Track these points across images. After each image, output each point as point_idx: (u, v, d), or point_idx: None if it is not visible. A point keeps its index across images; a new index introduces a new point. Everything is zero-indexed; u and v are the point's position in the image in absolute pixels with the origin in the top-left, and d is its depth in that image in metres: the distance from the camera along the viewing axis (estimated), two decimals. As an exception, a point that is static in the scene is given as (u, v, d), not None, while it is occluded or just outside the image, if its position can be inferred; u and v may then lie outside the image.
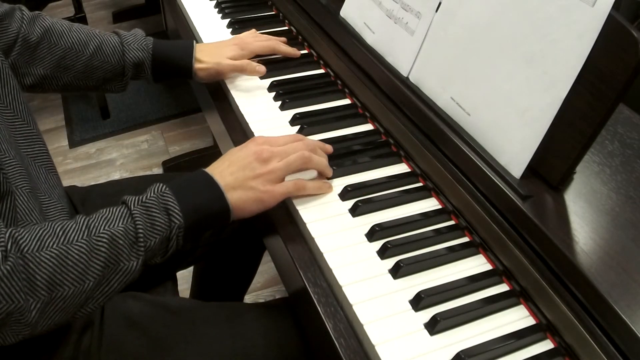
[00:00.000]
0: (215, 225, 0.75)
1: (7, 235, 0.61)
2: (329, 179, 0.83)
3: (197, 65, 1.01)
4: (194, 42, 1.03)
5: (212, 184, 0.74)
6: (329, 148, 0.85)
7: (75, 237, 0.64)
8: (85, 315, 0.68)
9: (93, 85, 1.00)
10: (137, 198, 0.70)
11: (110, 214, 0.68)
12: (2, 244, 0.60)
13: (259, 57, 1.09)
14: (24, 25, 0.92)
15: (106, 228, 0.66)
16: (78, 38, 0.97)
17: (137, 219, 0.67)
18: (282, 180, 0.78)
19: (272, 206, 0.77)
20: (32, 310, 0.61)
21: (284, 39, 1.10)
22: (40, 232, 0.64)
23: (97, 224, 0.66)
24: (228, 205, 0.74)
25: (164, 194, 0.70)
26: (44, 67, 0.94)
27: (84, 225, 0.66)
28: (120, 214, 0.68)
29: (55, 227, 0.65)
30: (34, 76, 0.94)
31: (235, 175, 0.75)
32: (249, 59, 1.04)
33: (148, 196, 0.70)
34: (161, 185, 0.72)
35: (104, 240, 0.65)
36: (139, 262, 0.68)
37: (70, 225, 0.66)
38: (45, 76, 0.95)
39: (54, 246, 0.63)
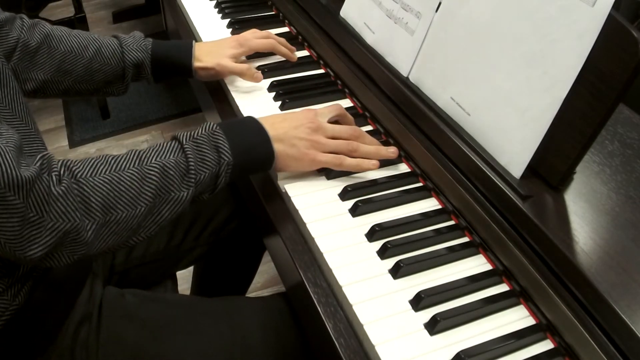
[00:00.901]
0: (258, 170, 0.81)
1: (60, 163, 0.66)
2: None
3: (196, 64, 1.01)
4: (194, 41, 1.03)
5: (261, 130, 0.79)
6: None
7: (128, 165, 0.69)
8: (136, 243, 0.72)
9: (94, 88, 1.01)
10: (188, 133, 0.74)
11: (161, 147, 0.72)
12: (55, 169, 0.64)
13: (260, 57, 1.10)
14: (23, 32, 0.93)
15: (158, 159, 0.71)
16: (77, 42, 0.98)
17: (188, 152, 0.72)
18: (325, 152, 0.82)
19: (307, 169, 0.83)
20: (88, 230, 0.65)
21: (283, 39, 1.10)
22: (93, 160, 0.69)
23: (148, 155, 0.71)
24: (273, 152, 0.79)
25: (215, 132, 0.75)
26: (44, 72, 0.95)
27: (135, 156, 0.71)
28: (171, 147, 0.73)
29: (107, 156, 0.70)
30: (35, 81, 0.95)
31: (285, 130, 0.80)
32: (248, 65, 1.04)
33: (199, 132, 0.74)
34: (212, 123, 0.76)
35: (156, 169, 0.70)
36: (189, 193, 0.72)
37: (121, 156, 0.70)
38: (46, 81, 0.96)
39: (107, 173, 0.68)
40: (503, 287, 0.70)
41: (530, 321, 0.67)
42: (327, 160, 0.81)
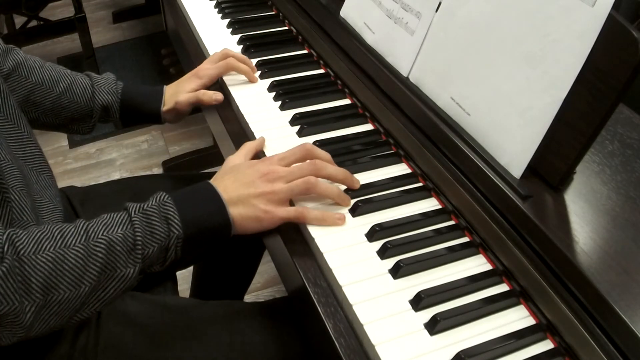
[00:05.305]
0: (215, 239, 0.74)
1: (5, 237, 0.61)
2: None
3: (163, 109, 1.03)
4: (164, 87, 1.05)
5: (215, 197, 0.74)
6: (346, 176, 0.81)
7: (73, 241, 0.65)
8: (80, 320, 0.68)
9: (59, 123, 1.02)
10: (138, 205, 0.70)
11: (110, 220, 0.68)
12: (0, 245, 0.60)
13: (263, 60, 1.09)
14: None
15: (105, 233, 0.66)
16: (49, 75, 0.98)
17: (136, 226, 0.68)
18: (286, 203, 0.77)
19: (269, 228, 0.77)
20: (27, 313, 0.61)
21: (242, 56, 1.06)
22: (39, 234, 0.64)
23: (95, 229, 0.67)
24: (229, 219, 0.74)
25: (165, 203, 0.71)
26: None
27: (82, 229, 0.66)
28: (120, 220, 0.69)
29: (54, 230, 0.65)
30: None
31: (239, 192, 0.75)
32: (202, 90, 1.02)
33: (150, 204, 0.71)
34: (163, 194, 0.72)
35: (102, 245, 0.65)
36: (136, 269, 0.68)
37: (68, 229, 0.66)
38: None
39: (51, 249, 0.63)
40: (503, 287, 0.70)
41: (530, 321, 0.67)
42: (288, 216, 0.76)
